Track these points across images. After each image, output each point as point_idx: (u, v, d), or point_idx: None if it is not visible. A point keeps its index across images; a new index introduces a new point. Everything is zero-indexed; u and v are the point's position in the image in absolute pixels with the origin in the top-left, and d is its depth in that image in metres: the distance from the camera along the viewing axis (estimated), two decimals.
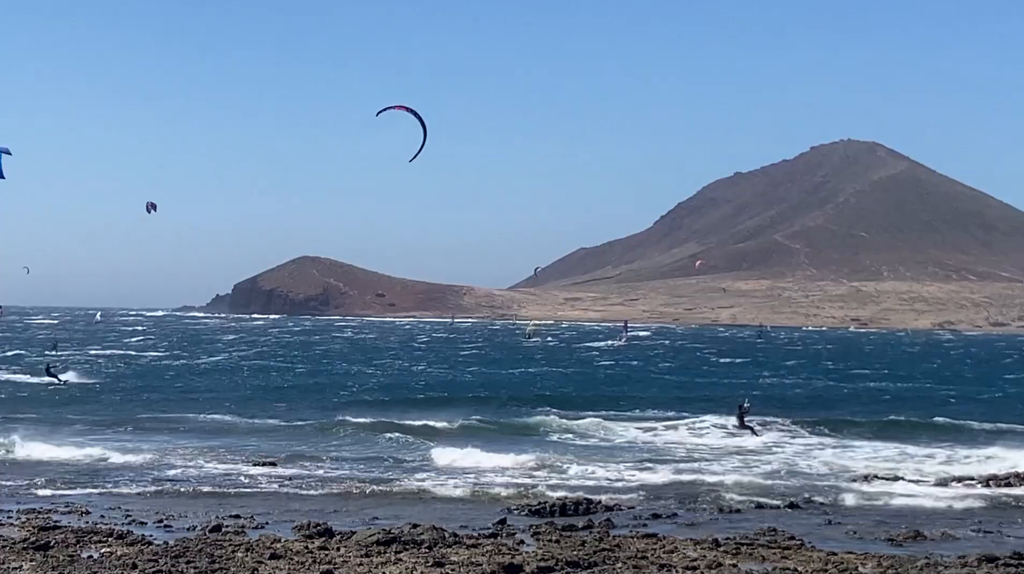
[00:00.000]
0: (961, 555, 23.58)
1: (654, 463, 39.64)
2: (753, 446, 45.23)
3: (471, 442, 43.28)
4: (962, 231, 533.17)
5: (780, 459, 41.63)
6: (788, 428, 50.80)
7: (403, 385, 76.03)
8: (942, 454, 43.17)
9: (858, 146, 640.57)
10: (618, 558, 22.72)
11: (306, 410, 56.80)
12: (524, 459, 39.39)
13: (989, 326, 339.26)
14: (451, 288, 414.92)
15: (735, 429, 49.17)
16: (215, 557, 22.16)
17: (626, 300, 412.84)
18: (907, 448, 45.30)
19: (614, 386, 77.97)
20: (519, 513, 29.08)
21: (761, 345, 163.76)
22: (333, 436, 46.51)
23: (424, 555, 22.60)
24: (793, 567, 22.13)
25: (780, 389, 76.86)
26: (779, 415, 54.38)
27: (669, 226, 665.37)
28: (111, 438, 44.47)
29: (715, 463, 40.15)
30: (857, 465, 39.86)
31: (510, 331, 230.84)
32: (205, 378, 79.81)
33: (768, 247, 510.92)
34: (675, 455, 42.48)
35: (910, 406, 62.12)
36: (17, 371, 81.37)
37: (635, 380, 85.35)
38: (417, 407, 58.77)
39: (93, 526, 25.60)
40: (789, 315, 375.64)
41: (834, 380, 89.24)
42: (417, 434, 46.82)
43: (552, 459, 39.80)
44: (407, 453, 41.93)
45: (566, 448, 43.78)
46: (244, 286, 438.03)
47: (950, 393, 76.18)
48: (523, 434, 48.74)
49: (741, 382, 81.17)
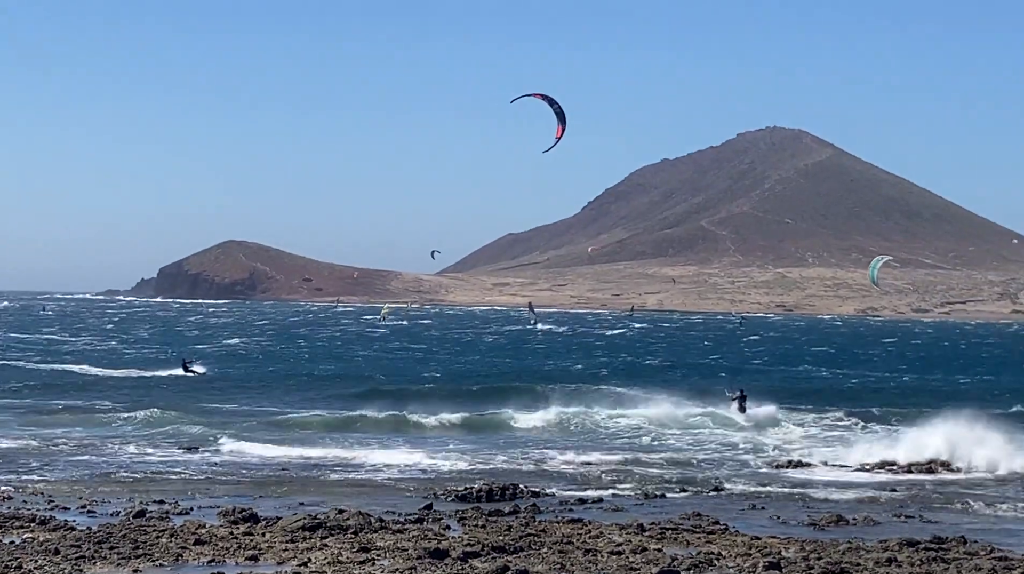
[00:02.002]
0: (882, 539, 23.84)
1: (589, 447, 39.92)
2: (675, 432, 45.57)
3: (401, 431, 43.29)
4: (885, 218, 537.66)
5: (706, 445, 41.98)
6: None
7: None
8: (865, 438, 43.61)
9: (784, 133, 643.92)
10: (543, 543, 22.77)
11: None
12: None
13: (912, 312, 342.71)
14: (378, 273, 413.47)
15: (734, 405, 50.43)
16: (139, 542, 22.01)
17: (554, 285, 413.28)
18: (830, 433, 45.88)
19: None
20: (445, 499, 29.12)
21: (741, 333, 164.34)
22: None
23: (350, 540, 22.56)
24: (717, 551, 22.28)
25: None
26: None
27: (597, 212, 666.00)
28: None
29: (649, 451, 40.44)
30: (780, 450, 40.23)
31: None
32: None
33: (695, 233, 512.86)
34: (614, 441, 42.85)
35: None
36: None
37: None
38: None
39: (15, 511, 25.34)
40: (715, 301, 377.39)
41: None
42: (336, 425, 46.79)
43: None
44: (320, 438, 41.94)
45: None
46: (170, 270, 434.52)
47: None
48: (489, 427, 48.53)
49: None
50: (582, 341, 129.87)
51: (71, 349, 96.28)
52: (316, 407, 52.03)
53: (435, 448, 39.66)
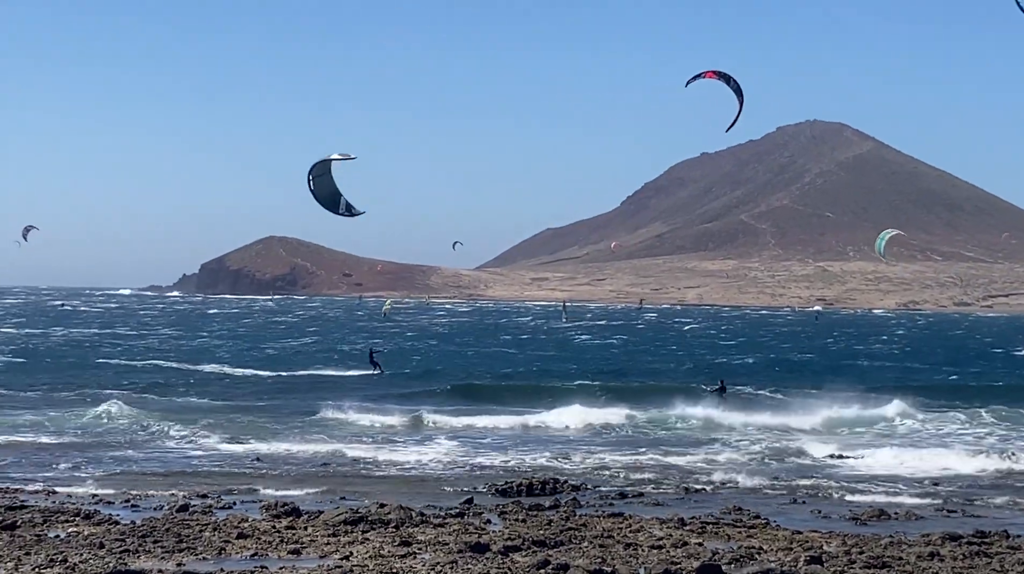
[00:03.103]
0: (925, 533, 23.76)
1: (628, 445, 39.89)
2: (721, 426, 45.40)
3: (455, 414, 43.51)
4: (927, 211, 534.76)
5: (747, 439, 41.88)
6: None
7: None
8: (910, 431, 43.43)
9: (824, 127, 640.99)
10: (584, 537, 22.79)
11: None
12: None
13: (954, 306, 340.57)
14: (418, 268, 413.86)
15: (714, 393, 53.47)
16: (182, 536, 22.16)
17: (593, 280, 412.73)
18: (877, 426, 45.75)
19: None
20: (486, 493, 29.17)
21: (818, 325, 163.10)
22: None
23: (391, 534, 22.63)
24: (758, 546, 22.26)
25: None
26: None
27: (636, 206, 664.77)
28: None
29: (684, 445, 40.37)
30: (820, 445, 40.06)
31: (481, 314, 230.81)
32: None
33: (734, 227, 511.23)
34: (649, 436, 42.77)
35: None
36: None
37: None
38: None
39: (60, 506, 25.54)
40: (755, 295, 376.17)
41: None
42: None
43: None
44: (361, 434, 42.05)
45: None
46: (211, 266, 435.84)
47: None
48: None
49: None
50: (664, 335, 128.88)
51: (224, 352, 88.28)
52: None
53: (476, 443, 39.76)
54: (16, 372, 64.24)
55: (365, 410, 46.90)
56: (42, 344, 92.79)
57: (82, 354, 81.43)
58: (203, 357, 79.57)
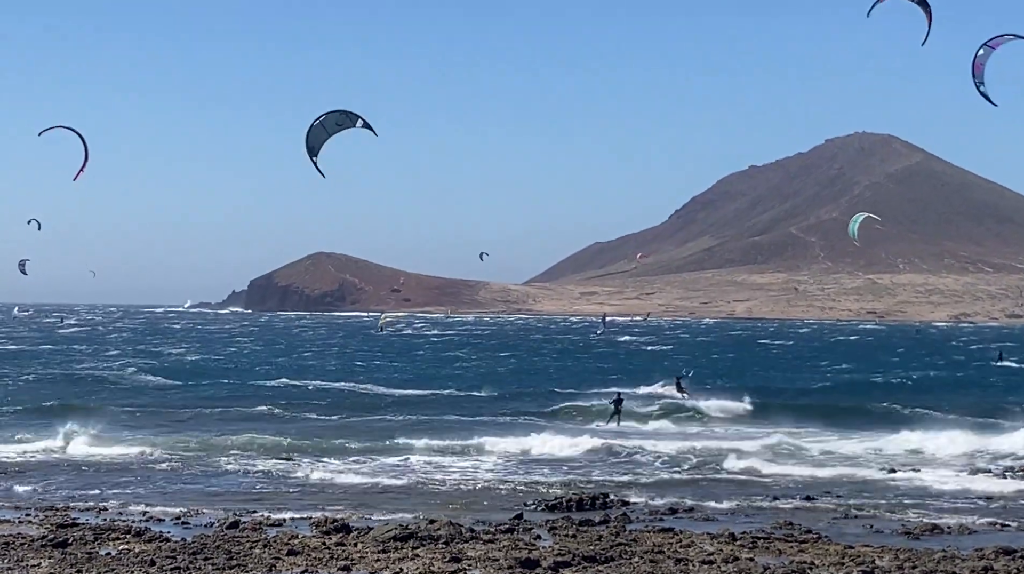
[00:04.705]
0: (978, 548, 23.54)
1: (677, 458, 39.76)
2: (764, 443, 45.07)
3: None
4: (977, 223, 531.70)
5: (794, 453, 41.64)
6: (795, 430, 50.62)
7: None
8: (961, 445, 43.00)
9: (873, 138, 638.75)
10: (634, 552, 22.70)
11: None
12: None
13: (1006, 318, 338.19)
14: (466, 283, 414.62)
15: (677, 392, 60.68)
16: (233, 553, 22.21)
17: (641, 294, 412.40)
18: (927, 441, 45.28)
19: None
20: (535, 508, 29.10)
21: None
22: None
23: (441, 550, 22.62)
24: (810, 561, 22.11)
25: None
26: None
27: (684, 220, 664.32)
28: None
29: (733, 458, 40.18)
30: (875, 457, 39.82)
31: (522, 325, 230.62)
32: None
33: (783, 240, 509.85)
34: (697, 450, 42.58)
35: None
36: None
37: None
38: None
39: (111, 523, 25.67)
40: (805, 308, 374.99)
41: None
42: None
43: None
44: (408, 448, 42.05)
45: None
46: (260, 282, 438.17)
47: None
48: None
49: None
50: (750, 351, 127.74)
51: (365, 370, 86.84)
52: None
53: (526, 458, 39.70)
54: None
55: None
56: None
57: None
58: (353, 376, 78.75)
